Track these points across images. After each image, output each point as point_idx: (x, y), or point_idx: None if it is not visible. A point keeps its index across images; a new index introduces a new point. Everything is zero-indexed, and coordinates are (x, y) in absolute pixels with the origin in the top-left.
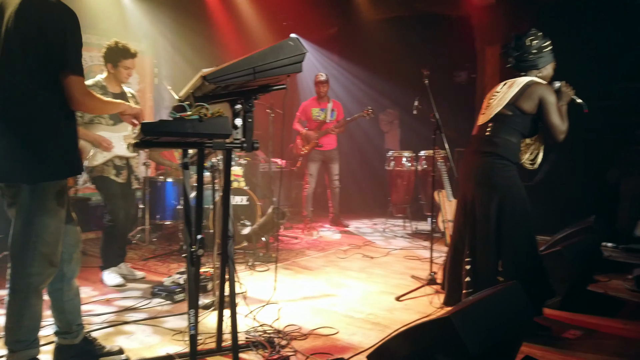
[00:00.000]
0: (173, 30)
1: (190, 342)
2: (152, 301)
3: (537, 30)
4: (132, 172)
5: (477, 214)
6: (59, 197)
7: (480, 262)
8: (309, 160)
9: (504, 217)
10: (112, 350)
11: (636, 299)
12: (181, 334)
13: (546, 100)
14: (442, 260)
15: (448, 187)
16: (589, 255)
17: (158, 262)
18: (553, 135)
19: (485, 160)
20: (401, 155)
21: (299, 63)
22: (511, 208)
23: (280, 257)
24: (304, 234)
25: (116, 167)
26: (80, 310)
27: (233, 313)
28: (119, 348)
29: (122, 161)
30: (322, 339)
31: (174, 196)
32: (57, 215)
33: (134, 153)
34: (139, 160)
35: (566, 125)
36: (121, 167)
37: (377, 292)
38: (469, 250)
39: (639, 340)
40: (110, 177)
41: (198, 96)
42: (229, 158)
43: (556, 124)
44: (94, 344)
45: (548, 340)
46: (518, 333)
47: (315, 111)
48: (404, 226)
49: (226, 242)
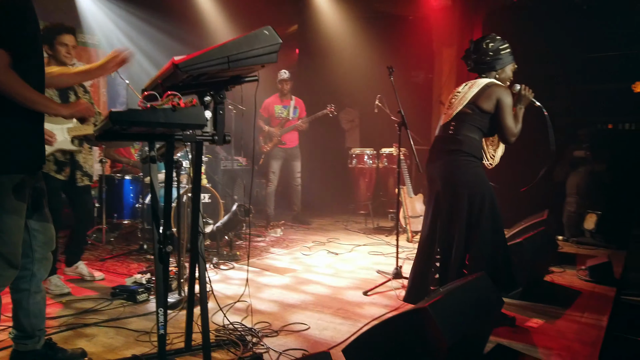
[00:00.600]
0: (129, 22)
1: (158, 342)
2: (113, 302)
3: (495, 35)
4: (77, 168)
5: (447, 211)
6: (18, 193)
7: (450, 258)
8: (271, 158)
9: (474, 211)
10: (75, 354)
11: (590, 288)
12: (147, 334)
13: (503, 102)
14: (406, 255)
15: (409, 184)
16: (546, 247)
17: (117, 262)
18: (505, 137)
19: (451, 158)
20: (363, 152)
21: (274, 53)
22: (480, 202)
23: (245, 256)
24: (267, 231)
25: (58, 163)
26: (44, 315)
27: (204, 311)
28: (81, 351)
29: (66, 156)
30: (293, 335)
31: (132, 194)
32: (15, 212)
33: (79, 147)
34: (89, 156)
35: (519, 128)
36: (64, 162)
37: (345, 288)
38: (439, 248)
39: (597, 327)
40: (50, 173)
41: (167, 86)
42: (200, 151)
43: (509, 126)
44: (55, 349)
45: (512, 329)
46: (488, 322)
47: (278, 108)
48: (365, 222)
49: (196, 238)
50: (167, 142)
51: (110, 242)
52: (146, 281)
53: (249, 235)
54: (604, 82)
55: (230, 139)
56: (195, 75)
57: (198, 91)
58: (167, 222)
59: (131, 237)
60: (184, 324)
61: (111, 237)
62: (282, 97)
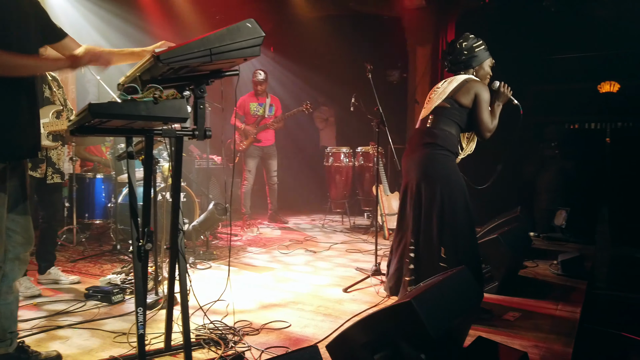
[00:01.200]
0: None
1: (138, 343)
2: (87, 303)
3: (468, 34)
4: (50, 165)
5: (421, 203)
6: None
7: (424, 250)
8: (247, 156)
9: (446, 205)
10: (50, 357)
11: (563, 281)
12: (124, 335)
13: (480, 97)
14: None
15: (385, 182)
16: (520, 242)
17: (89, 263)
18: (480, 132)
19: (426, 151)
20: (339, 151)
21: (257, 46)
22: (452, 196)
23: (221, 255)
24: (244, 231)
25: (33, 159)
26: (17, 317)
27: (185, 309)
28: (56, 354)
29: (42, 152)
30: (275, 332)
31: (104, 193)
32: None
33: (54, 143)
34: (61, 153)
35: (494, 124)
36: (39, 159)
37: (324, 285)
38: (413, 239)
39: (571, 319)
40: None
41: (145, 80)
42: (181, 147)
43: (485, 121)
44: (29, 352)
45: (491, 322)
46: (469, 316)
47: (254, 106)
48: (342, 221)
49: (176, 236)
50: (146, 137)
51: (82, 243)
52: (121, 282)
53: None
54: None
55: (210, 134)
56: (176, 69)
57: (177, 85)
58: (146, 219)
59: (103, 237)
60: (161, 325)
61: (82, 238)
62: (258, 94)
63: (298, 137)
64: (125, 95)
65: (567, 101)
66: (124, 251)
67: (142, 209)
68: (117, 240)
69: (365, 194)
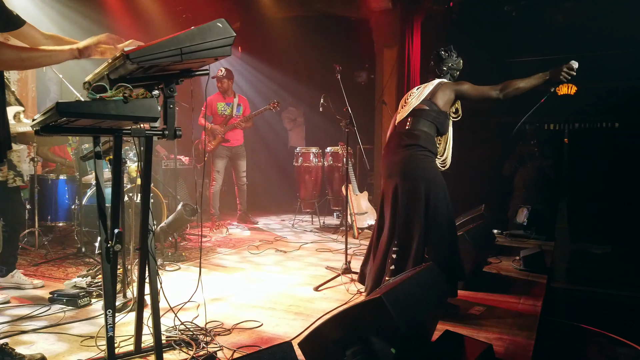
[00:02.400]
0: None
1: (107, 345)
2: (52, 307)
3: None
4: (11, 167)
5: (405, 204)
6: None
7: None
8: (215, 157)
9: (430, 205)
10: (34, 359)
11: (524, 276)
12: (92, 339)
13: (460, 87)
14: (353, 251)
15: (354, 182)
16: (485, 239)
17: (53, 266)
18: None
19: (408, 153)
20: (308, 151)
21: (227, 46)
22: (436, 196)
23: (190, 256)
24: (213, 232)
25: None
26: None
27: (155, 310)
28: (41, 356)
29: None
30: (246, 332)
31: (67, 195)
32: None
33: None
34: (21, 155)
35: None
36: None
37: (295, 284)
38: (396, 240)
39: (533, 312)
40: None
41: (114, 78)
42: (151, 147)
43: (483, 93)
44: (13, 354)
45: (457, 316)
46: (438, 310)
47: (221, 106)
48: (312, 221)
49: (146, 236)
50: (115, 137)
51: (44, 246)
52: (87, 285)
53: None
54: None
55: (181, 134)
56: (145, 68)
57: (147, 84)
58: (115, 220)
59: (67, 240)
60: (130, 327)
61: (45, 241)
62: (225, 94)
63: (267, 138)
64: (94, 94)
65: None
66: (89, 254)
67: (111, 210)
68: (81, 242)
69: (335, 194)
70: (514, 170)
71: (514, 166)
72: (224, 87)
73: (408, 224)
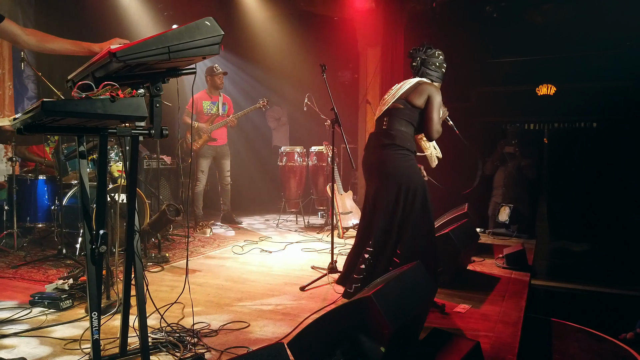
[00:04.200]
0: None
1: (92, 348)
2: (33, 311)
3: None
4: None
5: (382, 204)
6: None
7: (382, 249)
8: (199, 157)
9: (407, 203)
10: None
11: (508, 274)
12: (76, 342)
13: (433, 99)
14: (339, 250)
15: (339, 181)
16: (469, 238)
17: (32, 268)
18: (428, 130)
19: (385, 152)
20: (293, 151)
21: (216, 45)
22: (413, 194)
23: (174, 257)
24: (197, 232)
25: None
26: None
27: (142, 312)
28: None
29: None
30: (234, 333)
31: (47, 196)
32: None
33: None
34: None
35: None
36: None
37: (281, 284)
38: (373, 240)
39: (516, 309)
40: None
41: (99, 77)
42: (136, 146)
43: (435, 120)
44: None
45: (444, 315)
46: (425, 308)
47: (207, 104)
48: (296, 220)
49: (132, 237)
50: (100, 136)
51: (23, 248)
52: (69, 287)
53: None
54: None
55: (167, 133)
56: (132, 66)
57: (132, 83)
58: (100, 221)
59: (46, 241)
60: (114, 330)
61: (24, 242)
62: (211, 93)
63: (251, 137)
64: (80, 92)
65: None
66: (70, 255)
67: (96, 210)
68: (62, 244)
69: (319, 193)
70: (495, 169)
71: (495, 165)
72: (217, 85)
73: (385, 222)
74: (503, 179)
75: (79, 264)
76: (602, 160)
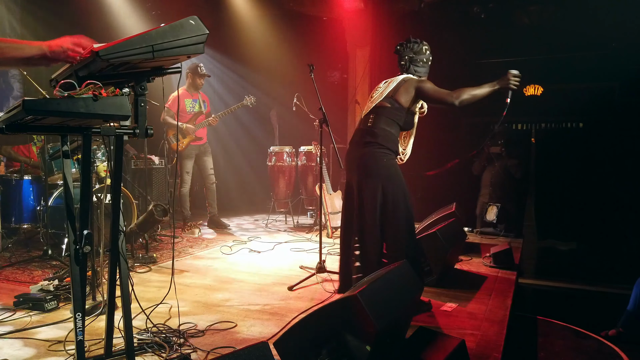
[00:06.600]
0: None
1: (77, 350)
2: (17, 312)
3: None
4: None
5: (363, 202)
6: None
7: (368, 247)
8: (184, 157)
9: (387, 202)
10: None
11: (494, 273)
12: (60, 343)
13: (423, 86)
14: (328, 250)
15: (328, 181)
16: (456, 237)
17: (17, 270)
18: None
19: (367, 150)
20: (282, 150)
21: (200, 44)
22: (393, 194)
23: (162, 257)
24: (185, 232)
25: None
26: None
27: (127, 312)
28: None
29: None
30: (220, 333)
31: (32, 196)
32: None
33: None
34: None
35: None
36: None
37: (270, 284)
38: (357, 237)
39: (502, 307)
40: None
41: (83, 76)
42: (121, 146)
43: (441, 96)
44: None
45: (430, 313)
46: (410, 307)
47: (189, 102)
48: (285, 220)
49: (117, 237)
50: (83, 136)
51: (8, 249)
52: (54, 288)
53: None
54: None
55: (152, 133)
56: (116, 65)
57: (116, 82)
58: (84, 221)
59: (32, 242)
60: (99, 331)
61: (8, 243)
62: (191, 91)
63: (239, 137)
64: (62, 91)
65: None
66: (56, 256)
67: (80, 210)
68: (47, 245)
69: (309, 193)
70: (483, 168)
71: (483, 165)
72: (198, 85)
73: (366, 221)
74: (490, 179)
75: (65, 265)
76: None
